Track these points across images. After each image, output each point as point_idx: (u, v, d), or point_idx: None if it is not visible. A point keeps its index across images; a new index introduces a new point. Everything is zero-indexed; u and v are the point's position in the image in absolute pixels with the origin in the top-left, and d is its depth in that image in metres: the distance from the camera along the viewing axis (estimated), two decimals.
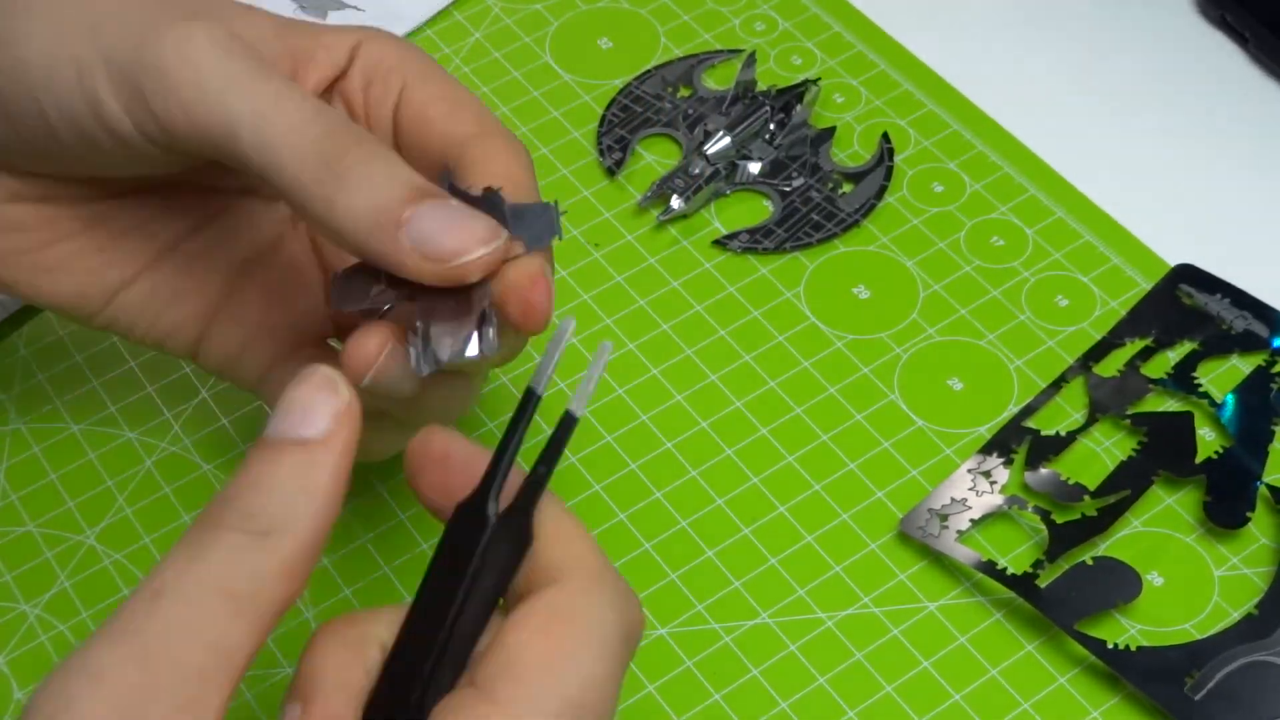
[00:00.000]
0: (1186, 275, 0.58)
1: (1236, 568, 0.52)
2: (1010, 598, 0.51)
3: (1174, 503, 0.53)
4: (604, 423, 0.55)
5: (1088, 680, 0.50)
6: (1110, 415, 0.55)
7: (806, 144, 0.62)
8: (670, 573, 0.52)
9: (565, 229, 0.60)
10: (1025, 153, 0.62)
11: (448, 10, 0.67)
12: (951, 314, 0.58)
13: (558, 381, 0.56)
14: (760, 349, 0.57)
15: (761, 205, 0.61)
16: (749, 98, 0.63)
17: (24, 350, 0.57)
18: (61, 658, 0.50)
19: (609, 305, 0.58)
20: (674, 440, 0.55)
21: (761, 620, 0.51)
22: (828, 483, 0.54)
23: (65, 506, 0.54)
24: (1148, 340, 0.57)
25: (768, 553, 0.52)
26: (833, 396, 0.56)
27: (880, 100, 0.64)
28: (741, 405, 0.56)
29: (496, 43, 0.66)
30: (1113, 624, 0.51)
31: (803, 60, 0.65)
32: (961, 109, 0.64)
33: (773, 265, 0.59)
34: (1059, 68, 0.66)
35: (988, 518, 0.53)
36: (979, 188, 0.61)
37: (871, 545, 0.53)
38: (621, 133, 0.63)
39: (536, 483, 0.38)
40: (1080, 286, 0.59)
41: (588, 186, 0.62)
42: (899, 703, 0.49)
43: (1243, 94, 0.65)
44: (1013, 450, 0.54)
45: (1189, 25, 0.67)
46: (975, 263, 0.59)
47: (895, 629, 0.51)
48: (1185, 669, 0.49)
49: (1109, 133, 0.64)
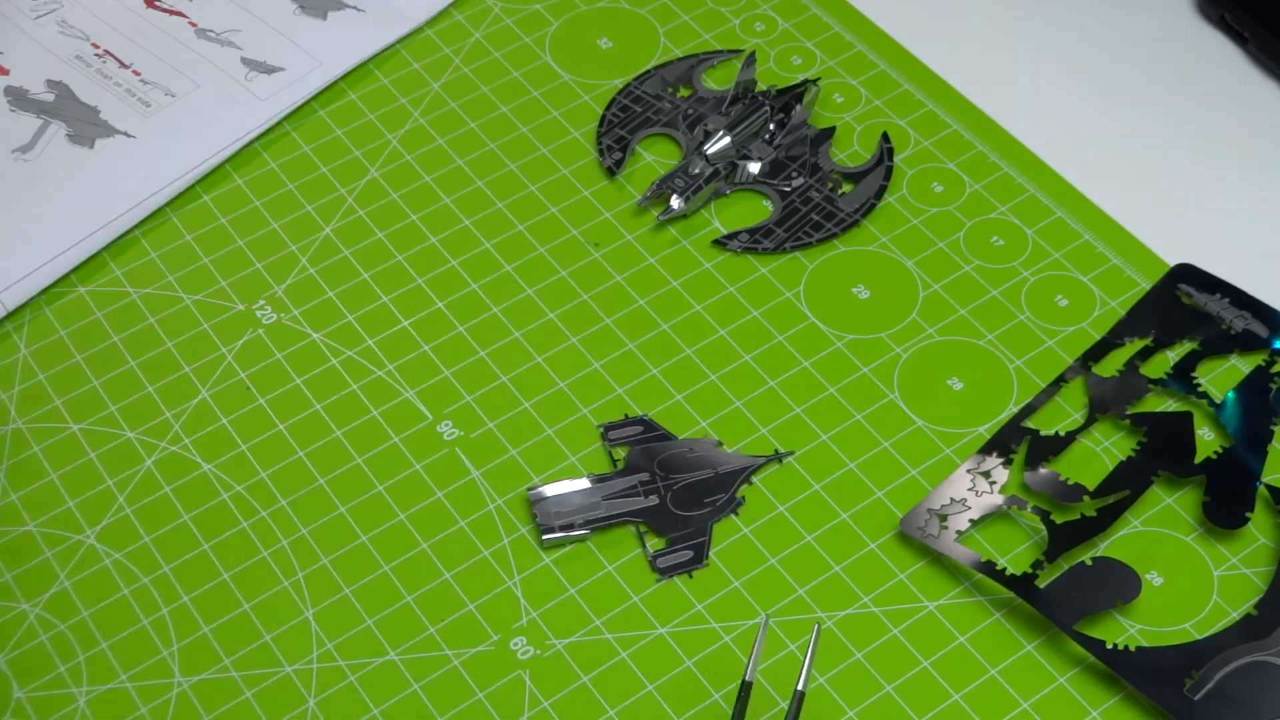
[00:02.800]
0: (1186, 275, 0.58)
1: (1236, 568, 0.52)
2: (1010, 598, 0.51)
3: (1173, 503, 0.53)
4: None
5: (1087, 680, 0.50)
6: (1110, 415, 0.55)
7: (806, 144, 0.62)
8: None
9: (565, 229, 0.60)
10: (1025, 153, 0.62)
11: (448, 10, 0.67)
12: (951, 314, 0.58)
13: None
14: (760, 348, 0.57)
15: (761, 205, 0.61)
16: (749, 98, 0.63)
17: (24, 350, 0.57)
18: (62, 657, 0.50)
19: (609, 305, 0.58)
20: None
21: (761, 620, 0.51)
22: (827, 482, 0.54)
23: (65, 506, 0.54)
24: (1147, 340, 0.57)
25: (767, 553, 0.52)
26: (832, 396, 0.56)
27: (880, 100, 0.64)
28: (741, 405, 0.56)
29: (496, 43, 0.66)
30: (1112, 624, 0.51)
31: (802, 60, 0.65)
32: (961, 109, 0.64)
33: (772, 265, 0.59)
34: (1058, 68, 0.66)
35: (987, 518, 0.53)
36: (979, 188, 0.61)
37: (871, 545, 0.53)
38: (621, 133, 0.63)
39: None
40: (1080, 286, 0.59)
41: (588, 186, 0.62)
42: (899, 702, 0.49)
43: (1243, 94, 0.65)
44: (1012, 450, 0.54)
45: (1189, 25, 0.67)
46: (975, 262, 0.59)
47: (895, 629, 0.51)
48: (1184, 669, 0.49)
49: (1109, 133, 0.64)
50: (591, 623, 0.51)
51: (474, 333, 0.58)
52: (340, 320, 0.58)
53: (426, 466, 0.54)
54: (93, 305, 0.58)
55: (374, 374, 0.57)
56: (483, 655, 0.50)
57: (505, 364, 0.57)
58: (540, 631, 0.51)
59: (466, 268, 0.59)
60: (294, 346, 0.57)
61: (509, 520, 0.53)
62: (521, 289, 0.59)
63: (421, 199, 0.61)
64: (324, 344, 0.57)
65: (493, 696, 0.50)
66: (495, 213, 0.61)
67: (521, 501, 0.53)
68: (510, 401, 0.56)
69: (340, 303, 0.58)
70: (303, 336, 0.58)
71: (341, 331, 0.58)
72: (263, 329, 0.58)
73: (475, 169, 0.62)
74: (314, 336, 0.58)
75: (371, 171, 0.62)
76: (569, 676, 0.50)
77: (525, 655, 0.50)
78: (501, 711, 0.49)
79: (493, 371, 0.57)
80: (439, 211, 0.61)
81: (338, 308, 0.58)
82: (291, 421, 0.55)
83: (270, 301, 0.58)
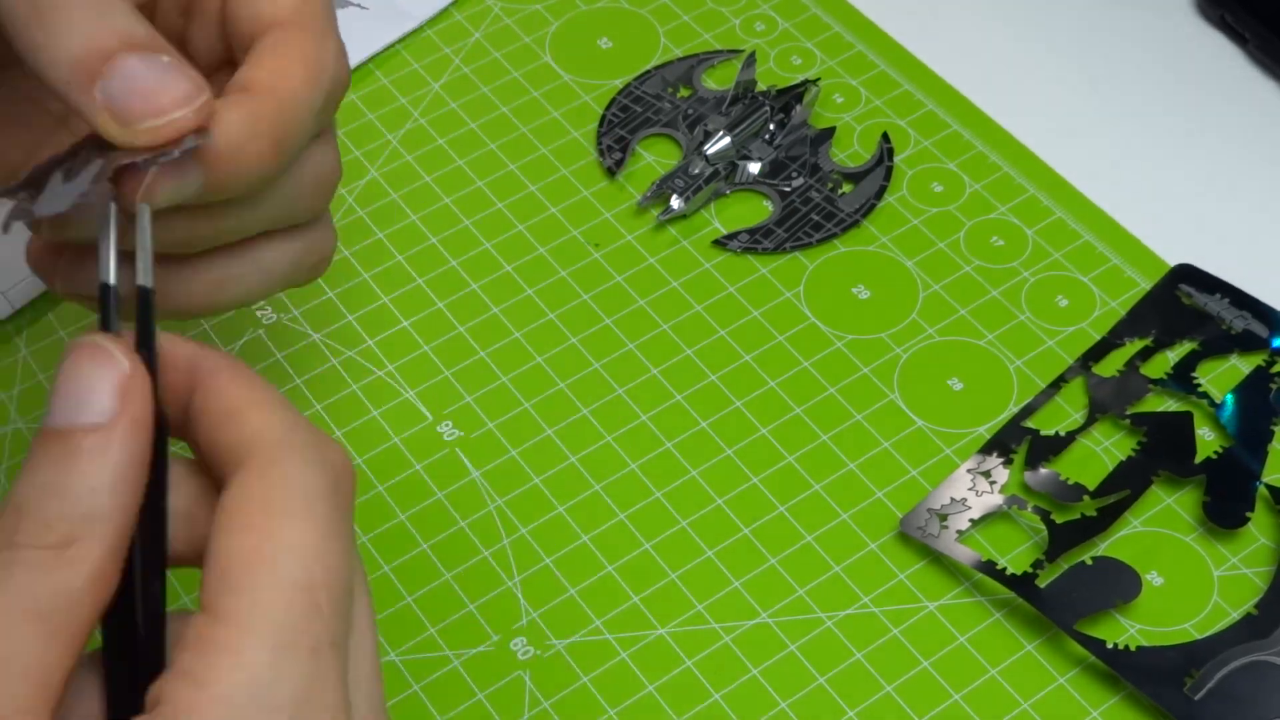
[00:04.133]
0: (1186, 275, 0.58)
1: (1236, 568, 0.52)
2: (1010, 598, 0.51)
3: (1173, 503, 0.53)
4: (603, 423, 0.55)
5: (1087, 680, 0.50)
6: (1110, 415, 0.55)
7: (806, 144, 0.62)
8: (670, 572, 0.52)
9: (565, 229, 0.60)
10: (1025, 153, 0.62)
11: (448, 10, 0.67)
12: (951, 314, 0.58)
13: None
14: (760, 349, 0.57)
15: (761, 205, 0.61)
16: (749, 98, 0.63)
17: (24, 350, 0.57)
18: None
19: (609, 305, 0.58)
20: (674, 440, 0.55)
21: (761, 620, 0.51)
22: (827, 482, 0.54)
23: None
24: (1147, 340, 0.57)
25: (767, 552, 0.52)
26: (833, 396, 0.56)
27: (880, 100, 0.64)
28: (741, 405, 0.56)
29: (496, 42, 0.66)
30: (1112, 624, 0.51)
31: (803, 60, 0.65)
32: (961, 109, 0.64)
33: (772, 265, 0.59)
34: (1058, 68, 0.66)
35: (987, 518, 0.53)
36: (979, 188, 0.61)
37: (871, 545, 0.53)
38: (621, 133, 0.63)
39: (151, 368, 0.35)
40: (1080, 286, 0.59)
41: (588, 186, 0.62)
42: (899, 702, 0.49)
43: (1243, 94, 0.65)
44: (1012, 450, 0.54)
45: (1189, 25, 0.67)
46: (975, 263, 0.59)
47: (895, 629, 0.51)
48: (1184, 669, 0.49)
49: (1109, 133, 0.64)
50: (592, 623, 0.51)
51: (474, 333, 0.58)
52: (340, 320, 0.58)
53: (426, 467, 0.54)
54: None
55: (374, 374, 0.57)
56: (483, 655, 0.50)
57: (505, 364, 0.57)
58: (540, 632, 0.51)
59: (466, 268, 0.59)
60: (294, 347, 0.57)
61: (509, 520, 0.53)
62: (521, 289, 0.59)
63: (421, 199, 0.61)
64: (324, 344, 0.57)
65: (493, 697, 0.50)
66: (495, 213, 0.61)
67: (522, 501, 0.53)
68: (510, 402, 0.56)
69: (340, 303, 0.58)
70: (303, 336, 0.58)
71: (341, 331, 0.58)
72: (263, 329, 0.58)
73: (475, 169, 0.62)
74: (314, 336, 0.58)
75: (371, 171, 0.62)
76: (569, 677, 0.50)
77: (525, 656, 0.50)
78: (502, 712, 0.49)
79: (493, 372, 0.57)
80: (439, 212, 0.61)
81: (338, 308, 0.58)
82: None
83: (270, 301, 0.58)
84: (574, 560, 0.52)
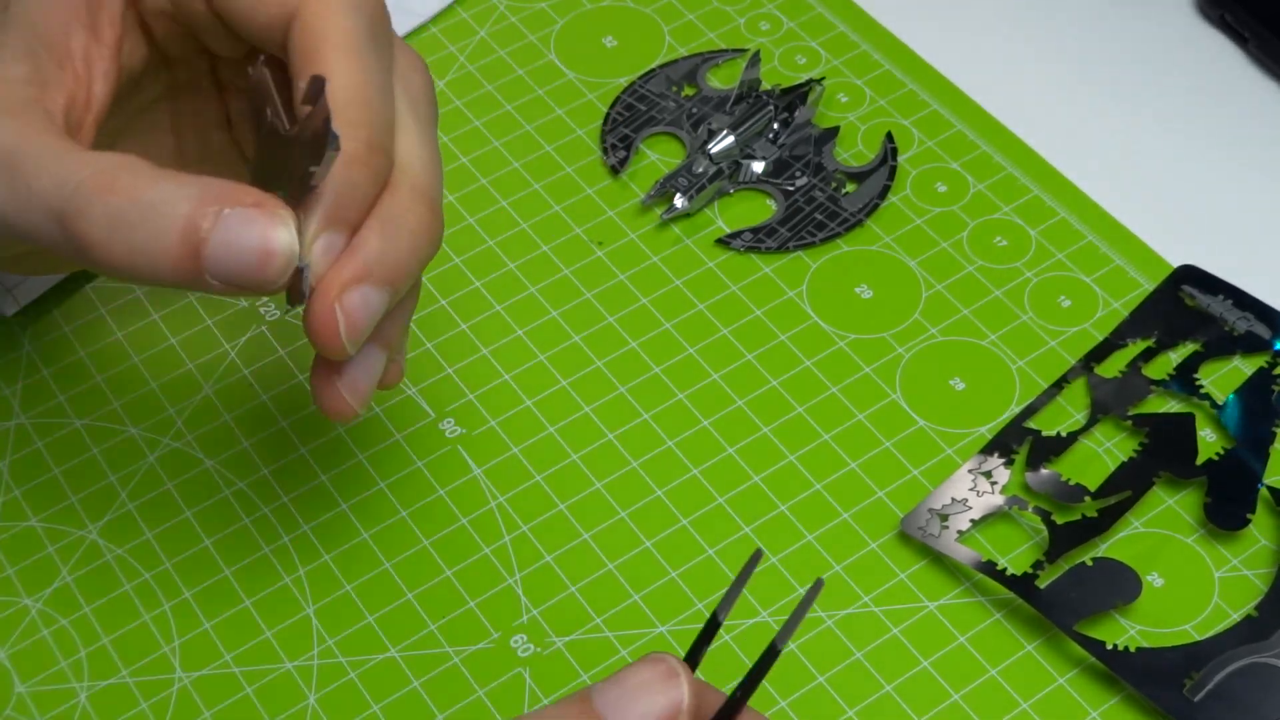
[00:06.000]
0: (1189, 276, 0.58)
1: (1237, 569, 0.52)
2: (1010, 598, 0.51)
3: (1175, 504, 0.53)
4: (605, 420, 0.55)
5: (1087, 681, 0.50)
6: (1111, 416, 0.55)
7: (810, 143, 0.62)
8: (671, 571, 0.52)
9: (568, 227, 0.60)
10: (1028, 153, 0.62)
11: (452, 8, 0.67)
12: (954, 314, 0.58)
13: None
14: (762, 348, 0.57)
15: (765, 204, 0.61)
16: (753, 97, 0.63)
17: (28, 346, 0.57)
18: (63, 652, 0.50)
19: (612, 304, 0.58)
20: (675, 438, 0.55)
21: (762, 619, 0.51)
22: (828, 482, 0.54)
23: (68, 501, 0.54)
24: (1150, 341, 0.57)
25: (767, 552, 0.52)
26: (834, 396, 0.56)
27: (884, 100, 0.64)
28: (743, 404, 0.56)
29: (501, 40, 0.66)
30: (1112, 625, 0.51)
31: (807, 60, 0.65)
32: (965, 109, 0.64)
33: (775, 264, 0.59)
34: (1060, 68, 0.66)
35: (988, 518, 0.53)
36: (982, 188, 0.61)
37: (872, 545, 0.53)
38: (625, 131, 0.63)
39: (733, 706, 0.38)
40: (1083, 287, 0.59)
41: (591, 185, 0.62)
42: (898, 702, 0.49)
43: (1243, 94, 0.65)
44: (1014, 450, 0.54)
45: (1189, 25, 0.67)
46: (978, 263, 0.59)
47: (895, 628, 0.51)
48: (1184, 670, 0.49)
49: (1111, 133, 0.64)
50: (592, 620, 0.51)
51: (476, 331, 0.58)
52: None
53: (428, 464, 0.54)
54: (96, 301, 0.58)
55: None
56: (483, 652, 0.50)
57: (507, 362, 0.57)
58: (541, 629, 0.51)
59: (469, 265, 0.59)
60: (297, 343, 0.57)
61: (510, 518, 0.53)
62: (524, 286, 0.59)
63: None
64: None
65: (493, 694, 0.50)
66: (499, 210, 0.61)
67: (523, 498, 0.53)
68: (512, 399, 0.56)
69: None
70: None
71: None
72: (265, 325, 0.58)
73: (479, 167, 0.62)
74: None
75: None
76: (569, 674, 0.50)
77: (525, 653, 0.50)
78: (501, 709, 0.49)
79: (495, 369, 0.57)
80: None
81: None
82: (294, 418, 0.55)
83: (273, 298, 0.58)
84: (575, 558, 0.52)
